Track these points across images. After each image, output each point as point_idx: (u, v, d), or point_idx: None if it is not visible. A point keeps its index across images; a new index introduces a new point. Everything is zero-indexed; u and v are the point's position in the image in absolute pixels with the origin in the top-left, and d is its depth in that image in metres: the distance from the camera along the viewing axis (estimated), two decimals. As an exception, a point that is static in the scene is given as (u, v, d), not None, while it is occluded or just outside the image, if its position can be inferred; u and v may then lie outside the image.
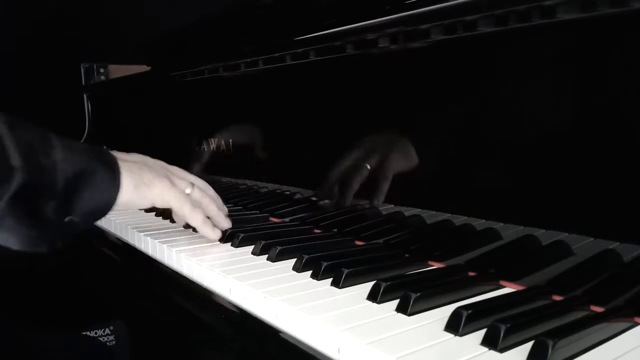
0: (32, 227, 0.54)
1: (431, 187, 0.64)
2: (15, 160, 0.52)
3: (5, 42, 1.61)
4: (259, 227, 0.78)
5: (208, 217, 0.72)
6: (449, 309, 0.44)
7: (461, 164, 0.61)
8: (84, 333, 1.38)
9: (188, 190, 0.70)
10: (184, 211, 0.68)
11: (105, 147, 0.65)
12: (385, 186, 0.69)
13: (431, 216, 0.64)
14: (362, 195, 0.73)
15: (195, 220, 0.68)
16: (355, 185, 0.74)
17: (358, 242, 0.69)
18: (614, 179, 0.47)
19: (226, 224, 0.74)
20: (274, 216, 0.86)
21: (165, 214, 0.90)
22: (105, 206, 0.61)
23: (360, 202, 0.74)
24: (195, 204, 0.69)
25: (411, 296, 0.46)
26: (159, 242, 0.72)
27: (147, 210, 0.96)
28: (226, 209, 0.76)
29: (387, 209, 0.70)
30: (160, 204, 0.67)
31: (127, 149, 1.02)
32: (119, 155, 0.65)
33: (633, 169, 0.46)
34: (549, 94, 0.52)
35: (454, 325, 0.42)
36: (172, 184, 0.68)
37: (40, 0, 1.70)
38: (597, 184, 0.48)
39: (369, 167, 0.71)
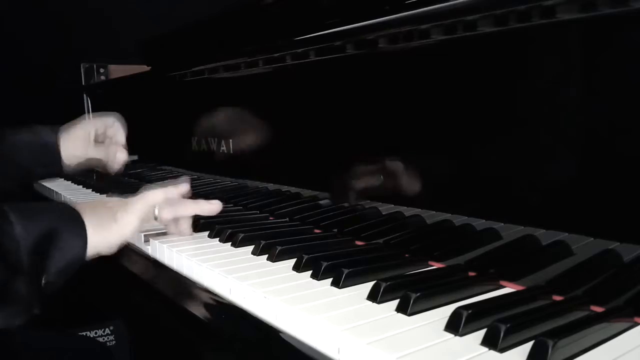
0: (5, 308, 0.55)
1: (431, 187, 0.64)
2: None
3: (5, 42, 1.61)
4: (259, 227, 0.78)
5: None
6: (449, 309, 0.44)
7: (462, 164, 0.61)
8: (84, 333, 1.38)
9: (156, 212, 0.70)
10: (160, 221, 0.71)
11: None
12: (387, 186, 0.69)
13: (431, 216, 0.64)
14: (362, 196, 0.73)
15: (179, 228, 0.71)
16: (355, 185, 0.74)
17: (358, 242, 0.69)
18: (613, 179, 0.47)
19: (211, 206, 0.74)
20: (274, 216, 0.86)
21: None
22: (77, 260, 0.61)
23: (360, 202, 0.74)
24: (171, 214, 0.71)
25: (411, 296, 0.46)
26: (159, 242, 0.72)
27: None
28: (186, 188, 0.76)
29: (387, 209, 0.70)
30: (129, 236, 0.68)
31: (127, 149, 1.02)
32: (77, 205, 0.65)
33: (633, 169, 0.46)
34: (548, 94, 0.52)
35: (454, 325, 0.42)
36: (130, 212, 0.68)
37: (41, 0, 1.70)
38: (597, 184, 0.49)
39: (369, 167, 0.71)
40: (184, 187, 0.74)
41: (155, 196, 0.70)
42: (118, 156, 1.00)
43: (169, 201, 0.72)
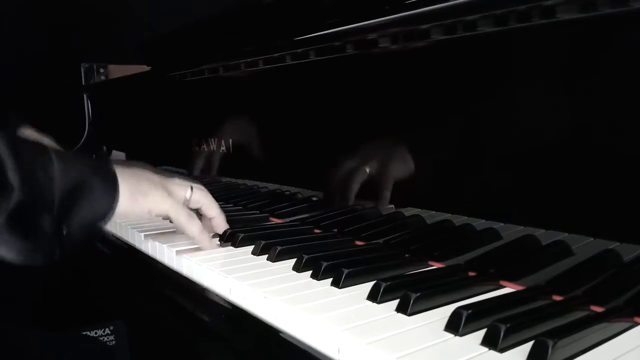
0: (29, 240, 0.55)
1: (431, 187, 0.64)
2: (14, 178, 0.53)
3: (5, 42, 1.61)
4: (259, 227, 0.78)
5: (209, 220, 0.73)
6: (449, 309, 0.44)
7: (461, 164, 0.60)
8: (84, 333, 1.38)
9: (188, 194, 0.70)
10: (180, 221, 0.68)
11: (106, 155, 0.66)
12: (386, 186, 0.69)
13: (431, 216, 0.64)
14: (362, 196, 0.73)
15: (191, 230, 0.68)
16: (355, 186, 0.74)
17: (358, 242, 0.69)
18: (613, 179, 0.47)
19: (225, 226, 0.74)
20: (274, 216, 0.86)
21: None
22: (103, 217, 0.61)
23: (360, 202, 0.74)
24: (191, 212, 0.70)
25: (411, 296, 0.46)
26: (159, 242, 0.72)
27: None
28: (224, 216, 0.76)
29: (387, 209, 0.70)
30: (157, 213, 0.68)
31: (127, 149, 1.02)
32: (118, 166, 0.65)
33: (633, 169, 0.46)
34: (548, 94, 0.52)
35: (454, 325, 0.42)
36: (169, 193, 0.68)
37: (41, 0, 1.70)
38: (596, 184, 0.48)
39: (369, 168, 0.71)
40: (224, 225, 0.75)
41: (194, 185, 0.72)
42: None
43: (202, 191, 0.73)
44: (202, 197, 0.72)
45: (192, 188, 0.71)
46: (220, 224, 0.74)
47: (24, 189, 0.54)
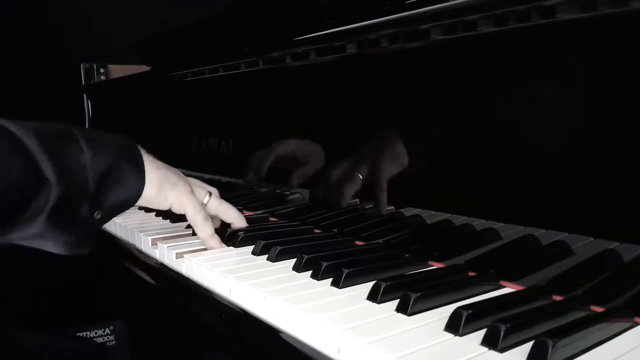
0: (72, 233, 0.56)
1: (431, 187, 0.64)
2: (50, 174, 0.53)
3: (5, 42, 1.61)
4: (259, 227, 0.78)
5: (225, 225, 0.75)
6: (449, 309, 0.44)
7: (461, 164, 0.60)
8: (84, 333, 1.38)
9: (206, 199, 0.71)
10: (196, 220, 0.69)
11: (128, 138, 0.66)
12: (386, 186, 0.69)
13: (431, 216, 0.64)
14: (362, 196, 0.73)
15: (205, 231, 0.69)
16: (355, 186, 0.74)
17: (358, 242, 0.69)
18: (613, 179, 0.47)
19: (244, 223, 0.76)
20: (274, 216, 0.86)
21: (165, 214, 0.90)
22: (130, 201, 0.63)
23: (360, 202, 0.74)
24: (208, 215, 0.71)
25: (411, 296, 0.46)
26: (160, 242, 0.72)
27: (147, 210, 0.96)
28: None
29: (387, 209, 0.70)
30: (177, 208, 0.68)
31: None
32: (144, 152, 0.66)
33: (633, 169, 0.46)
34: (548, 94, 0.52)
35: (454, 325, 0.42)
36: (192, 191, 0.69)
37: (41, 0, 1.70)
38: (596, 184, 0.48)
39: (369, 167, 0.71)
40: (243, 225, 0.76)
41: (212, 190, 0.74)
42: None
43: (219, 197, 0.74)
44: (218, 204, 0.73)
45: (210, 194, 0.72)
46: (241, 224, 0.75)
47: (62, 181, 0.54)
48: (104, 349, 1.27)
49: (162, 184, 0.65)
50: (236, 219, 0.75)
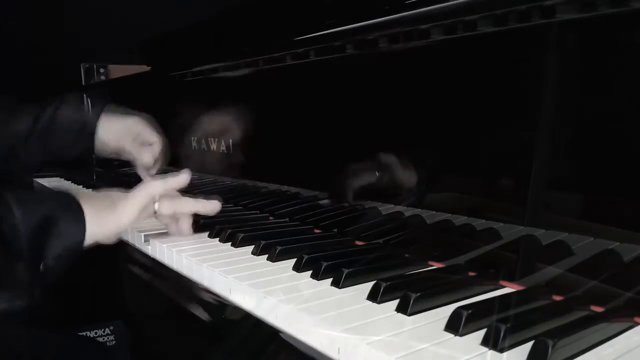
0: (8, 292, 0.55)
1: (431, 187, 0.64)
2: None
3: (5, 42, 1.61)
4: (259, 227, 0.78)
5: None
6: (449, 309, 0.44)
7: (461, 164, 0.60)
8: (84, 333, 1.38)
9: (155, 207, 0.70)
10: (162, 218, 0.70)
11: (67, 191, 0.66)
12: (387, 186, 0.69)
13: (431, 216, 0.64)
14: (362, 196, 0.73)
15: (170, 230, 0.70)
16: (355, 186, 0.74)
17: (358, 242, 0.69)
18: (613, 179, 0.47)
19: (212, 206, 0.74)
20: (274, 216, 0.86)
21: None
22: (76, 246, 0.61)
23: (360, 202, 0.74)
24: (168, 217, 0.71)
25: (411, 296, 0.46)
26: (159, 242, 0.72)
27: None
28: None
29: (387, 209, 0.70)
30: (134, 223, 0.68)
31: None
32: (79, 193, 0.65)
33: (633, 168, 0.46)
34: (548, 93, 0.52)
35: (454, 325, 0.42)
36: (138, 205, 0.68)
37: (41, 0, 1.70)
38: (596, 184, 0.48)
39: (369, 167, 0.71)
40: (183, 177, 0.73)
41: (155, 187, 0.70)
42: (144, 159, 1.01)
43: (169, 196, 0.72)
44: (169, 206, 0.72)
45: (156, 203, 0.70)
46: (207, 208, 0.74)
47: None
48: (104, 349, 1.27)
49: (101, 214, 0.64)
50: (194, 208, 0.74)
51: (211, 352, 0.63)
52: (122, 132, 1.01)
